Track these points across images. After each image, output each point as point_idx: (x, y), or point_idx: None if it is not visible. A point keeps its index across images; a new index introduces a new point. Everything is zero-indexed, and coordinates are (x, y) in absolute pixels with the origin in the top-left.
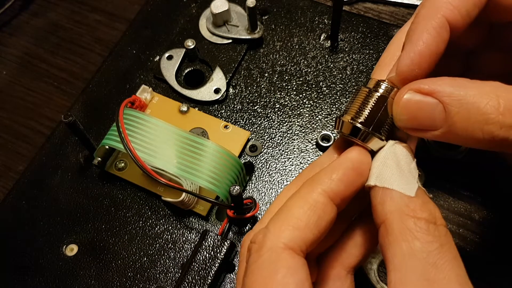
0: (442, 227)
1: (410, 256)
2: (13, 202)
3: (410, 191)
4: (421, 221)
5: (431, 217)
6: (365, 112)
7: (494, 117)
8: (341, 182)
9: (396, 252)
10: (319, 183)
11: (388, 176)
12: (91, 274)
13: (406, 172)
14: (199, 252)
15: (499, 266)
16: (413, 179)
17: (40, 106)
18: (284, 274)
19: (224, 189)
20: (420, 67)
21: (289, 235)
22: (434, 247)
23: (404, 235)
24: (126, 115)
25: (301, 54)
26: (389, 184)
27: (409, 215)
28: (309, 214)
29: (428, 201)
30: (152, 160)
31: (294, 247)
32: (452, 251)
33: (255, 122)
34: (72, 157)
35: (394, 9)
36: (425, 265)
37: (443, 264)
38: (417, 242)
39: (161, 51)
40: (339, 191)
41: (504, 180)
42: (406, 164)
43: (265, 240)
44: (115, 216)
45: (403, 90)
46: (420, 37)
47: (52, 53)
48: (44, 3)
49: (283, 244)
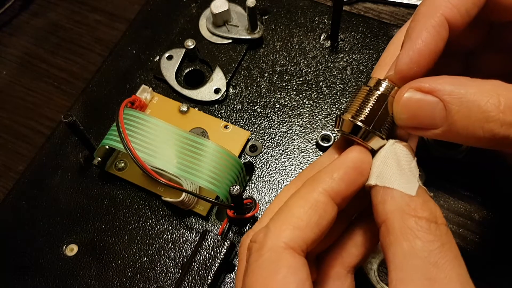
0: (443, 226)
1: (411, 256)
2: (13, 202)
3: (411, 190)
4: (422, 220)
5: (432, 216)
6: (365, 110)
7: (494, 115)
8: (342, 181)
9: (397, 252)
10: (320, 182)
11: (388, 175)
12: (91, 274)
13: (407, 171)
14: (199, 252)
15: (499, 266)
16: (414, 178)
17: (40, 106)
18: (285, 274)
19: (224, 189)
20: (419, 65)
21: (290, 234)
22: (435, 246)
23: (405, 234)
24: (126, 115)
25: (301, 54)
26: (390, 183)
27: (410, 214)
28: (310, 213)
29: (429, 200)
30: (152, 160)
31: (295, 247)
32: (453, 250)
33: (255, 122)
34: (72, 157)
35: (394, 9)
36: (426, 265)
37: (444, 264)
38: (418, 241)
39: (161, 51)
40: (340, 190)
41: (504, 180)
42: (407, 163)
43: (265, 240)
44: (115, 216)
45: (404, 88)
46: (419, 35)
47: (52, 53)
48: (44, 3)
49: (284, 243)
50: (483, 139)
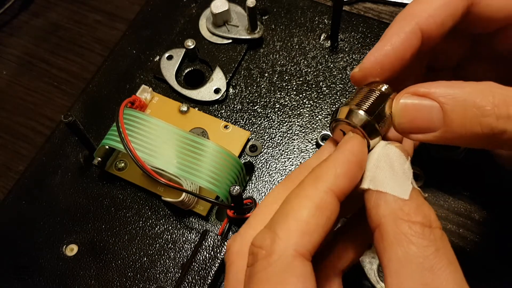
0: (438, 229)
1: (406, 262)
2: (13, 202)
3: (404, 193)
4: (416, 225)
5: (426, 220)
6: (366, 103)
7: (489, 109)
8: (346, 177)
9: (392, 258)
10: (323, 180)
11: (381, 178)
12: (91, 274)
13: (400, 174)
14: (199, 252)
15: (499, 266)
16: (407, 181)
17: (40, 106)
18: (295, 284)
19: (224, 189)
20: (382, 67)
21: (300, 240)
22: (430, 251)
23: (399, 240)
24: (126, 115)
25: (301, 54)
26: (383, 187)
27: (403, 219)
28: (318, 216)
29: (423, 203)
30: (152, 160)
31: (305, 253)
32: (448, 255)
33: (255, 122)
34: (72, 157)
35: (394, 9)
36: (422, 271)
37: (440, 269)
38: (413, 247)
39: (161, 51)
40: (344, 187)
41: (504, 180)
42: (400, 165)
43: (274, 246)
44: (115, 216)
45: (400, 94)
46: (390, 39)
47: (52, 53)
48: (44, 3)
49: (294, 250)
50: (481, 136)
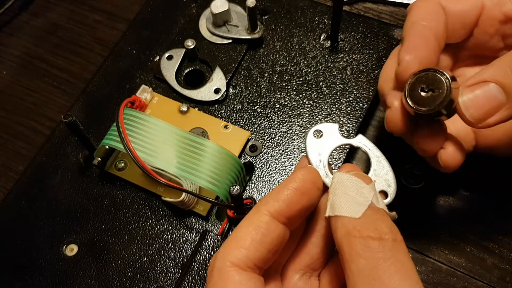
0: (388, 241)
1: (358, 275)
2: (13, 202)
3: (357, 213)
4: (366, 240)
5: (376, 233)
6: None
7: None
8: (284, 202)
9: (349, 274)
10: (263, 204)
11: (337, 204)
12: (91, 274)
13: (356, 197)
14: (199, 252)
15: (499, 266)
16: (365, 202)
17: (40, 106)
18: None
19: (224, 189)
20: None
21: (236, 254)
22: (377, 262)
23: (352, 256)
24: (126, 115)
25: (301, 54)
26: (339, 212)
27: (355, 236)
28: (253, 232)
29: (378, 218)
30: (152, 160)
31: (240, 264)
32: (397, 264)
33: (255, 122)
34: (72, 157)
35: (394, 9)
36: (371, 281)
37: (388, 277)
38: (362, 260)
39: (161, 51)
40: (282, 210)
41: (505, 180)
42: (357, 190)
43: (214, 262)
44: (115, 216)
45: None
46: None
47: (52, 53)
48: (44, 3)
49: (229, 262)
50: None
